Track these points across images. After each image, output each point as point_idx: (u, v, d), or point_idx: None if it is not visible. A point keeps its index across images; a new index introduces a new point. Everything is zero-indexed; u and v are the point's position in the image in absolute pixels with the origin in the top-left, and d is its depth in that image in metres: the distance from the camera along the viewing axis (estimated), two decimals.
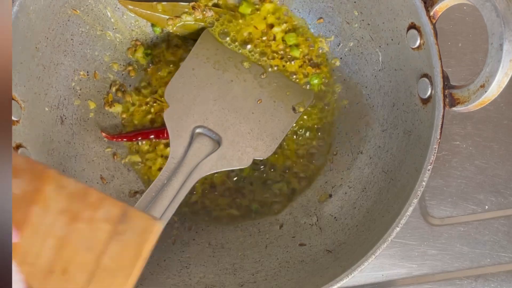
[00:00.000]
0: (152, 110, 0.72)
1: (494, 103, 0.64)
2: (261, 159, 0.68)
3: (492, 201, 0.76)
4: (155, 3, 0.71)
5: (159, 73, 0.73)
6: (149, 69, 0.73)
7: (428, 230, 0.75)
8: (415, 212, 0.74)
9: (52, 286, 0.41)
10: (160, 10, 0.71)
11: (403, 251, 0.74)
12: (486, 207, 0.75)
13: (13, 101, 0.58)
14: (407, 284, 0.73)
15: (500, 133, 0.76)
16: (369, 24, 0.67)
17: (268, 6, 0.71)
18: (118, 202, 0.41)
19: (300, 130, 0.72)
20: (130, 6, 0.70)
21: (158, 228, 0.41)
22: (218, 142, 0.67)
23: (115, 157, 0.71)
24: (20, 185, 0.39)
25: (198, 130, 0.67)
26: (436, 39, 0.56)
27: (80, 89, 0.69)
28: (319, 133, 0.72)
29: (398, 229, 0.55)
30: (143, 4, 0.71)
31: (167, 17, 0.71)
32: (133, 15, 0.72)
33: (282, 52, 0.72)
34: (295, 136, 0.72)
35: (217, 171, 0.66)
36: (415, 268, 0.74)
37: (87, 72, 0.70)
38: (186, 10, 0.71)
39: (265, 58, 0.72)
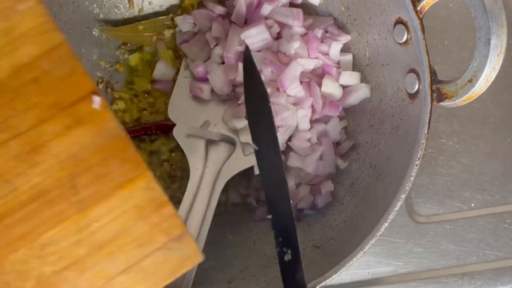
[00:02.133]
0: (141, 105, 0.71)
1: (480, 101, 0.64)
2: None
3: (478, 199, 0.76)
4: (135, 24, 0.70)
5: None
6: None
7: (414, 228, 0.74)
8: (401, 209, 0.74)
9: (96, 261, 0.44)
10: (141, 29, 0.70)
11: (389, 249, 0.74)
12: (472, 205, 0.75)
13: None
14: (393, 282, 0.73)
15: (486, 130, 0.77)
16: (356, 19, 0.67)
17: None
18: (182, 225, 0.45)
19: None
20: (113, 33, 0.70)
21: (199, 261, 0.46)
22: (233, 144, 0.66)
23: None
24: (122, 170, 0.43)
25: (210, 138, 0.66)
26: (423, 34, 0.56)
27: None
28: None
29: (386, 224, 0.55)
30: (124, 28, 0.70)
31: (151, 34, 0.70)
32: None
33: None
34: None
35: (239, 171, 0.65)
36: (401, 266, 0.73)
37: None
38: (167, 22, 0.70)
39: None
